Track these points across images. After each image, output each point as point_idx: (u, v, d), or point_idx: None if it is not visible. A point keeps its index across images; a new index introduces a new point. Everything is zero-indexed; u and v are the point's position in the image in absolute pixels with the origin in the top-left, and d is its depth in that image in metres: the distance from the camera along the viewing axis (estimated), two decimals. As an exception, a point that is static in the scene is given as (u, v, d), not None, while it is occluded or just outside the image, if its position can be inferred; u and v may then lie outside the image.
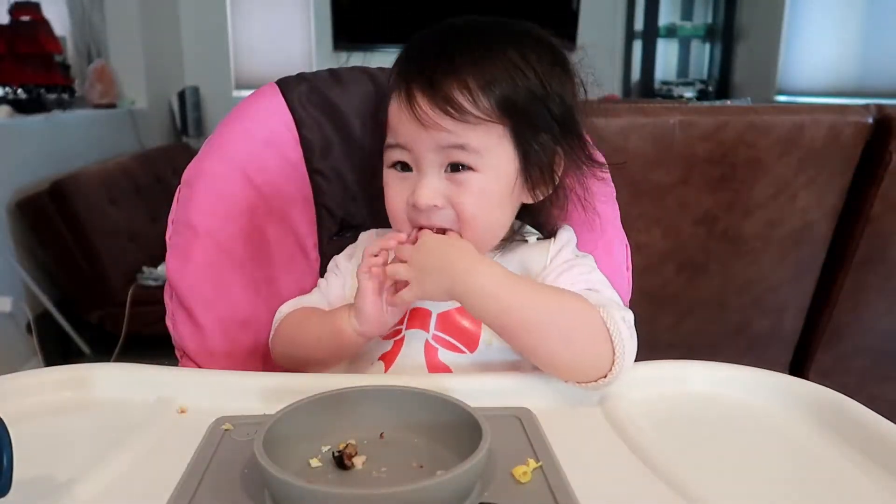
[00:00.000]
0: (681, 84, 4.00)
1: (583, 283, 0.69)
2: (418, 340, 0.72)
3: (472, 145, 0.66)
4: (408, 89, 0.66)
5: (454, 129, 0.65)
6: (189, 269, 0.80)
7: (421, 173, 0.68)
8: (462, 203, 0.67)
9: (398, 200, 0.70)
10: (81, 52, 3.37)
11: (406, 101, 0.66)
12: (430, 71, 0.66)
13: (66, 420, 0.61)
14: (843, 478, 0.52)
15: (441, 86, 0.65)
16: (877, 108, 1.35)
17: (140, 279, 2.51)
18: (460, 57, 0.66)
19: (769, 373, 0.66)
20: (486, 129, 0.66)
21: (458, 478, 0.44)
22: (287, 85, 0.84)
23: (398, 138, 0.68)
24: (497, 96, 0.65)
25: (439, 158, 0.67)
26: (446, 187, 0.67)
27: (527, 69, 0.67)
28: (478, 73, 0.65)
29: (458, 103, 0.64)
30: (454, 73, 0.65)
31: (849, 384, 1.58)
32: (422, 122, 0.65)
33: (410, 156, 0.68)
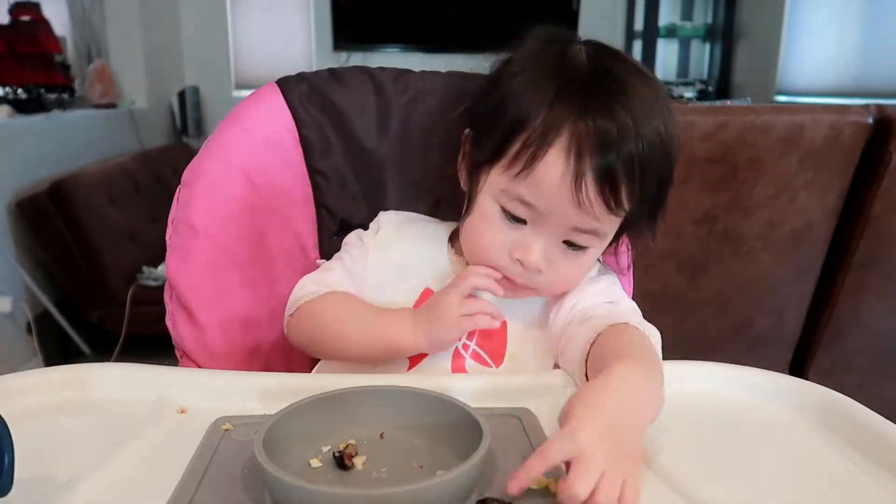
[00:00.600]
0: (681, 84, 4.00)
1: (604, 296, 0.71)
2: None
3: (602, 231, 0.63)
4: (579, 157, 0.58)
5: (601, 218, 0.61)
6: (189, 269, 0.80)
7: (537, 232, 0.63)
8: (568, 275, 0.66)
9: (498, 244, 0.65)
10: (81, 52, 3.37)
11: (573, 179, 0.59)
12: (605, 151, 0.58)
13: (66, 420, 0.61)
14: (843, 478, 0.52)
15: (615, 180, 0.59)
16: (877, 108, 1.35)
17: (140, 279, 2.51)
18: (630, 136, 0.59)
19: (769, 373, 0.66)
20: (619, 218, 0.63)
21: (458, 478, 0.44)
22: (287, 85, 0.84)
23: (538, 201, 0.61)
24: (647, 189, 0.61)
25: (565, 233, 0.63)
26: (558, 257, 0.64)
27: (670, 147, 0.62)
28: (642, 163, 0.59)
29: (622, 202, 0.60)
30: (628, 164, 0.59)
31: (849, 384, 1.58)
32: (580, 205, 0.59)
33: (536, 216, 0.62)
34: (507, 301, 0.71)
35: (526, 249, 0.63)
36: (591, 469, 0.45)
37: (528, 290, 0.68)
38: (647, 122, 0.60)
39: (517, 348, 0.72)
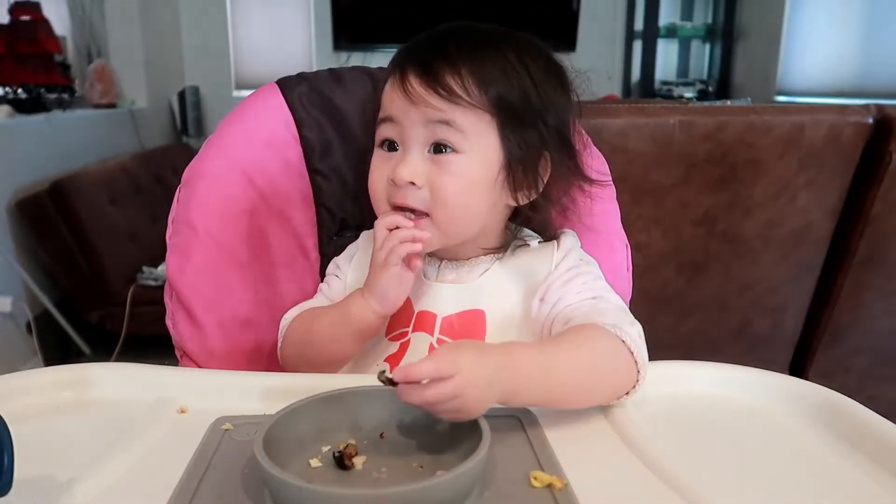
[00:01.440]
0: (681, 84, 4.00)
1: (588, 292, 0.69)
2: (423, 343, 0.72)
3: (458, 122, 0.66)
4: (402, 70, 0.67)
5: (442, 106, 0.66)
6: (189, 269, 0.80)
7: (404, 151, 0.68)
8: (441, 183, 0.67)
9: (379, 178, 0.70)
10: (81, 52, 3.37)
11: (399, 80, 0.67)
12: (426, 57, 0.67)
13: (66, 420, 0.61)
14: (843, 478, 0.52)
15: (435, 70, 0.66)
16: (877, 108, 1.35)
17: (140, 279, 2.51)
18: (457, 51, 0.67)
19: (769, 373, 0.66)
20: (474, 113, 0.66)
21: (458, 478, 0.44)
22: (287, 85, 0.84)
23: (387, 111, 0.69)
24: (488, 88, 0.66)
25: (424, 135, 0.67)
26: (428, 168, 0.67)
27: (522, 71, 0.67)
28: (473, 67, 0.66)
29: (448, 85, 0.65)
30: (449, 62, 0.66)
31: (849, 384, 1.58)
32: (411, 98, 0.66)
33: (397, 131, 0.68)
34: (484, 292, 0.72)
35: (395, 169, 0.68)
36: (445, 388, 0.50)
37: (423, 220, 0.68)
38: (482, 47, 0.68)
39: (496, 339, 0.71)
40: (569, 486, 0.48)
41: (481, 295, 0.72)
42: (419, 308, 0.73)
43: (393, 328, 0.74)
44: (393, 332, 0.74)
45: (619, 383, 0.60)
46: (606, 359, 0.60)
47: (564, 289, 0.70)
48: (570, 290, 0.69)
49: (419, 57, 0.68)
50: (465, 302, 0.72)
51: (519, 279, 0.73)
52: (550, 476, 0.48)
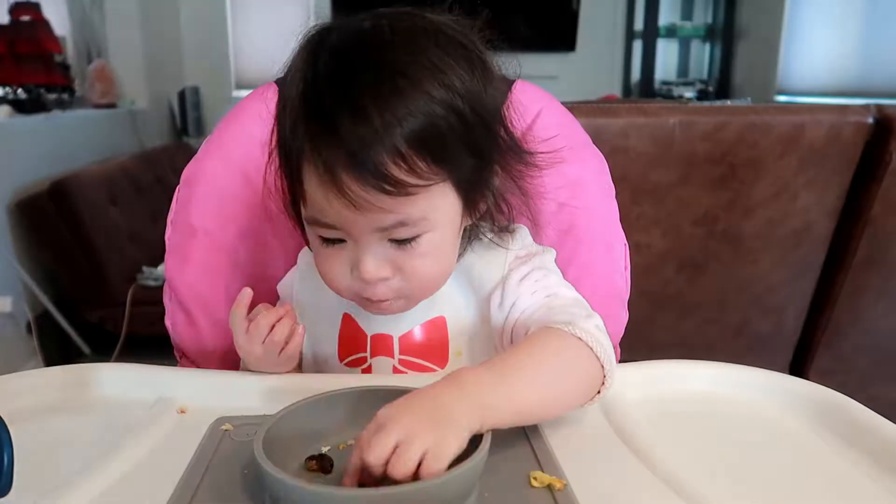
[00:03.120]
0: (681, 84, 4.00)
1: (542, 291, 0.66)
2: (386, 367, 0.69)
3: (415, 215, 0.58)
4: (326, 163, 0.55)
5: (393, 207, 0.56)
6: (188, 270, 0.80)
7: (360, 245, 0.60)
8: (413, 269, 0.61)
9: (339, 272, 0.62)
10: (81, 52, 3.37)
11: (330, 181, 0.55)
12: (348, 137, 0.54)
13: (66, 420, 0.61)
14: (843, 478, 0.52)
15: (368, 158, 0.54)
16: (877, 108, 1.35)
17: (140, 279, 2.51)
18: (370, 97, 0.54)
19: (769, 373, 0.66)
20: (426, 192, 0.57)
21: (458, 478, 0.44)
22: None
23: (327, 218, 0.58)
24: (431, 152, 0.55)
25: (379, 235, 0.59)
26: (393, 255, 0.60)
27: (453, 99, 0.56)
28: (406, 129, 0.54)
29: (393, 178, 0.54)
30: (377, 135, 0.54)
31: (849, 384, 1.58)
32: (355, 205, 0.55)
33: (342, 233, 0.60)
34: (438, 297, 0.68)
35: (359, 265, 0.60)
36: (385, 436, 0.45)
37: (400, 301, 0.64)
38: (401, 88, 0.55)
39: (462, 344, 0.69)
40: (569, 486, 0.48)
41: (436, 301, 0.68)
42: (371, 332, 0.70)
43: (346, 353, 0.71)
44: (347, 357, 0.71)
45: (586, 383, 0.57)
46: (564, 363, 0.56)
47: (518, 290, 0.66)
48: (524, 292, 0.66)
49: (338, 132, 0.54)
50: (421, 313, 0.69)
51: (472, 282, 0.69)
52: (550, 476, 0.48)
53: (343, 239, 0.60)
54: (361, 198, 0.55)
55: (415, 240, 0.60)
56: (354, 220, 0.57)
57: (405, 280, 0.62)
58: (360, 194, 0.55)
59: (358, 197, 0.55)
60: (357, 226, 0.58)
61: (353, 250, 0.60)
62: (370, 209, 0.56)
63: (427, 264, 0.61)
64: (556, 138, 0.74)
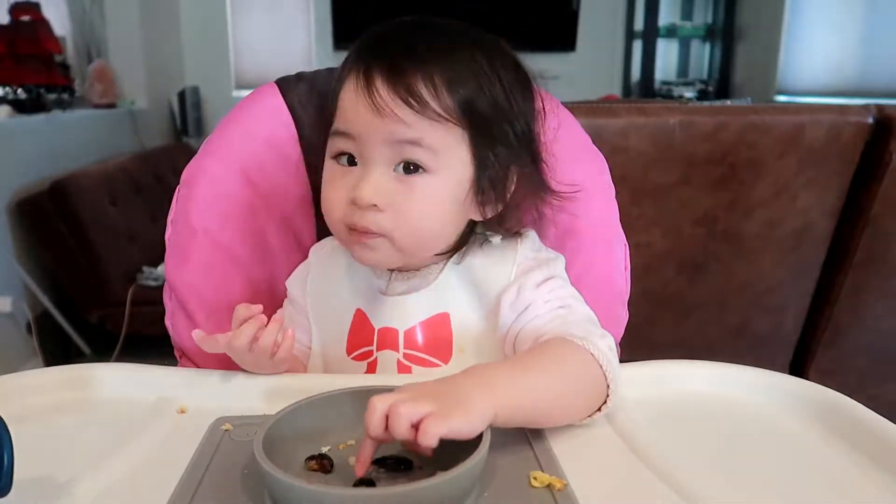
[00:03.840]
0: (681, 84, 4.00)
1: (556, 301, 0.66)
2: (391, 361, 0.70)
3: (427, 142, 0.61)
4: (367, 72, 0.60)
5: (412, 122, 0.60)
6: (188, 269, 0.80)
7: (367, 168, 0.62)
8: (408, 207, 0.62)
9: (337, 197, 0.64)
10: (81, 52, 3.37)
11: (364, 85, 0.60)
12: (393, 57, 0.61)
13: (66, 420, 0.61)
14: (843, 478, 0.52)
15: (405, 74, 0.59)
16: (877, 108, 1.35)
17: (140, 279, 2.51)
18: (427, 50, 0.61)
19: (769, 373, 0.66)
20: (445, 128, 0.61)
21: (458, 478, 0.44)
22: (286, 84, 0.84)
23: (348, 126, 0.62)
24: (461, 97, 0.61)
25: (390, 154, 0.61)
26: (393, 187, 0.62)
27: (493, 77, 0.62)
28: (445, 69, 0.60)
29: (420, 95, 0.59)
30: (420, 63, 0.60)
31: (849, 384, 1.58)
32: (378, 109, 0.59)
33: (358, 147, 0.62)
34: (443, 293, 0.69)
35: (357, 186, 0.62)
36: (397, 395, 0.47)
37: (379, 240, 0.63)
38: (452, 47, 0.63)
39: (466, 341, 0.69)
40: (569, 486, 0.48)
41: (440, 297, 0.69)
42: (379, 325, 0.70)
43: (354, 347, 0.72)
44: (355, 351, 0.72)
45: (592, 397, 0.58)
46: (577, 374, 0.57)
47: (534, 294, 0.66)
48: (539, 298, 0.66)
49: (387, 57, 0.61)
50: (426, 309, 0.70)
51: (478, 280, 0.69)
52: (550, 476, 0.48)
53: (354, 161, 0.63)
54: (387, 104, 0.59)
55: (419, 172, 0.62)
56: (374, 126, 0.60)
57: (395, 218, 0.62)
58: (387, 100, 0.59)
59: (384, 102, 0.59)
60: (375, 135, 0.61)
61: (357, 174, 0.63)
62: (392, 117, 0.59)
63: (420, 208, 0.63)
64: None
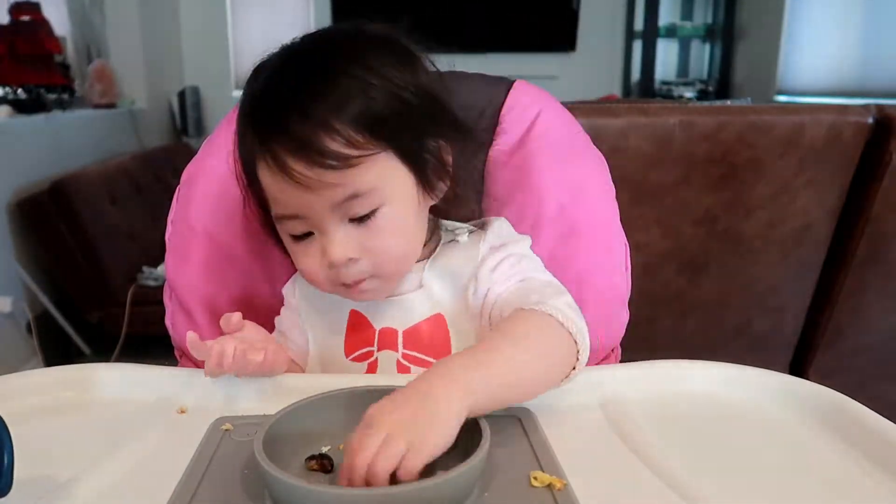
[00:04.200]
0: (681, 84, 4.00)
1: (515, 276, 0.68)
2: (391, 361, 0.70)
3: (364, 188, 0.61)
4: (273, 154, 0.60)
5: (341, 181, 0.59)
6: (188, 269, 0.80)
7: (325, 233, 0.63)
8: (379, 248, 0.63)
9: (314, 269, 0.65)
10: (81, 52, 3.37)
11: (279, 170, 0.60)
12: (287, 126, 0.59)
13: (66, 420, 0.61)
14: (844, 478, 0.52)
15: (309, 140, 0.58)
16: (877, 108, 1.35)
17: (140, 279, 2.51)
18: (307, 94, 0.60)
19: (769, 373, 0.66)
20: (373, 162, 0.60)
21: (458, 478, 0.44)
22: (287, 85, 0.84)
23: (287, 210, 0.63)
24: (366, 125, 0.60)
25: (338, 214, 0.62)
26: (357, 235, 0.63)
27: (376, 78, 0.61)
28: (336, 108, 0.59)
29: (334, 152, 0.58)
30: (314, 117, 0.59)
31: (849, 384, 1.57)
32: (306, 186, 0.59)
33: (307, 222, 0.63)
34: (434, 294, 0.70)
35: (325, 254, 0.63)
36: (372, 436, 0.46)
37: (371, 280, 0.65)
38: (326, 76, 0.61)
39: (461, 338, 0.70)
40: (569, 486, 0.48)
41: (431, 298, 0.70)
42: (379, 326, 0.71)
43: (353, 348, 0.72)
44: (354, 352, 0.72)
45: (559, 357, 0.59)
46: (540, 340, 0.59)
47: (492, 276, 0.68)
48: (497, 279, 0.68)
49: (283, 129, 0.59)
50: (422, 310, 0.70)
51: (453, 277, 0.71)
52: (550, 476, 0.48)
53: (310, 232, 0.64)
54: (308, 177, 0.59)
55: (373, 215, 0.62)
56: (309, 202, 0.61)
57: (373, 259, 0.64)
58: (307, 174, 0.59)
59: (305, 177, 0.59)
60: (314, 208, 0.61)
61: (321, 240, 0.63)
62: (319, 186, 0.59)
63: (390, 240, 0.64)
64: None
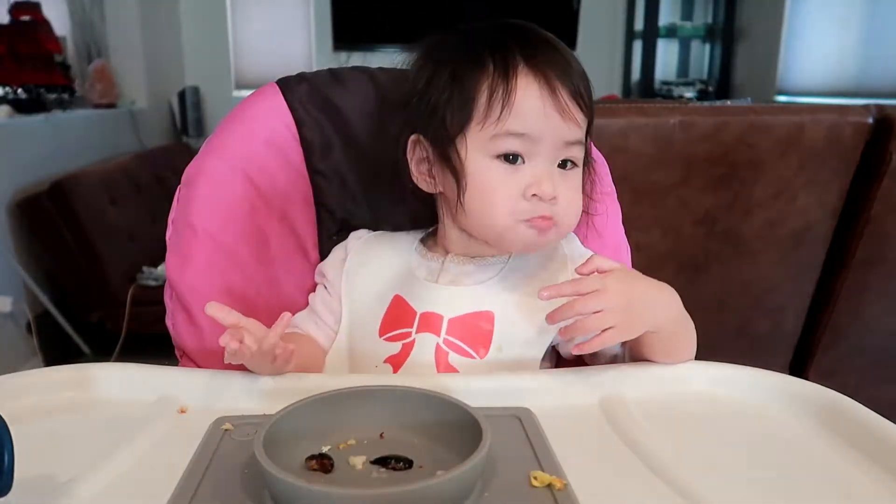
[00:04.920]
0: (681, 84, 4.00)
1: None
2: (429, 344, 0.72)
3: (582, 140, 0.69)
4: (545, 74, 0.66)
5: (581, 123, 0.67)
6: (189, 269, 0.80)
7: (535, 164, 0.67)
8: (569, 199, 0.69)
9: (507, 194, 0.67)
10: (81, 52, 3.37)
11: (547, 87, 0.66)
12: (558, 57, 0.67)
13: (66, 420, 0.61)
14: (843, 478, 0.52)
15: (572, 79, 0.67)
16: (877, 108, 1.35)
17: (140, 279, 2.51)
18: (566, 56, 0.68)
19: (769, 373, 0.66)
20: (583, 126, 0.69)
21: (458, 478, 0.44)
22: (287, 85, 0.84)
23: (527, 128, 0.66)
24: (588, 91, 0.69)
25: (556, 153, 0.68)
26: (560, 183, 0.68)
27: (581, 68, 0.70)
28: (576, 67, 0.68)
29: (585, 99, 0.67)
30: (574, 70, 0.68)
31: (849, 384, 1.58)
32: (563, 112, 0.66)
33: (529, 146, 0.67)
34: (492, 293, 0.73)
35: (537, 183, 0.67)
36: (601, 299, 0.60)
37: (552, 228, 0.69)
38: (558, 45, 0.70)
39: (504, 339, 0.72)
40: (569, 486, 0.48)
41: (489, 296, 0.73)
42: (421, 310, 0.73)
43: (389, 328, 0.74)
44: (390, 332, 0.74)
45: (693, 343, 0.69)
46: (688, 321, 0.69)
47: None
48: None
49: (553, 57, 0.67)
50: (472, 303, 0.73)
51: (534, 277, 0.74)
52: (550, 476, 0.48)
53: (519, 157, 0.67)
54: (569, 105, 0.66)
55: (573, 167, 0.70)
56: (551, 127, 0.66)
57: (565, 208, 0.69)
58: (569, 102, 0.66)
59: (567, 104, 0.66)
60: (552, 134, 0.66)
61: (528, 172, 0.67)
62: (571, 119, 0.66)
63: (576, 196, 0.70)
64: None
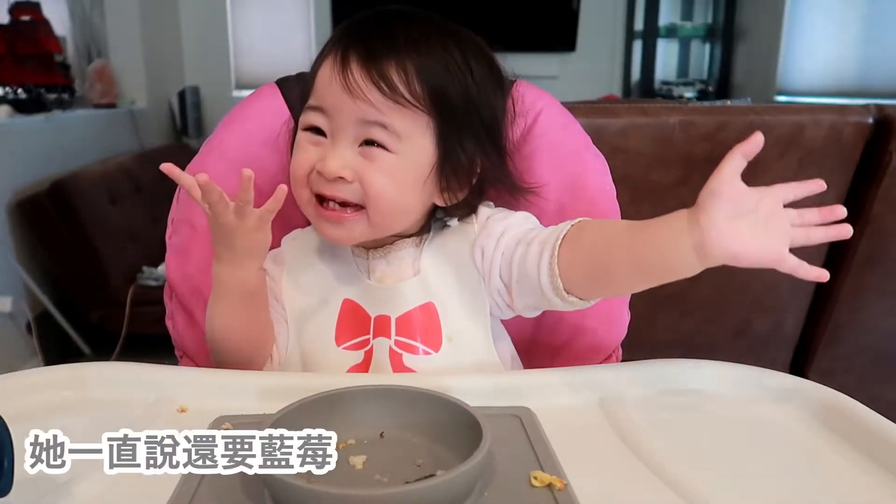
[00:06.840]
0: (681, 84, 4.00)
1: (529, 226, 0.70)
2: (384, 348, 0.71)
3: (394, 126, 0.65)
4: (344, 55, 0.65)
5: (381, 106, 0.64)
6: (189, 269, 0.80)
7: (335, 142, 0.66)
8: (371, 180, 0.65)
9: (304, 165, 0.67)
10: (81, 52, 3.37)
11: (340, 67, 0.65)
12: (370, 42, 0.65)
13: (66, 420, 0.61)
14: (844, 478, 0.52)
15: (379, 59, 0.64)
16: (877, 108, 1.35)
17: (140, 279, 2.51)
18: (404, 38, 0.65)
19: (769, 372, 0.66)
20: (412, 115, 0.65)
21: (458, 478, 0.44)
22: (287, 85, 0.84)
23: (321, 101, 0.66)
24: (431, 85, 0.65)
25: (357, 132, 0.65)
26: (357, 162, 0.66)
27: (464, 68, 0.67)
28: (417, 58, 0.65)
29: (391, 80, 0.63)
30: (394, 50, 0.64)
31: (849, 384, 1.57)
32: (351, 90, 0.64)
33: (328, 123, 0.66)
34: (428, 282, 0.71)
35: (324, 160, 0.65)
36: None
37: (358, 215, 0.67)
38: (426, 38, 0.66)
39: (454, 329, 0.71)
40: (569, 486, 0.48)
41: (426, 286, 0.72)
42: (375, 313, 0.72)
43: (346, 336, 0.72)
44: (348, 340, 0.72)
45: None
46: None
47: (503, 226, 0.70)
48: (511, 226, 0.70)
49: (364, 42, 0.65)
50: (415, 297, 0.72)
51: (452, 257, 0.72)
52: (550, 476, 0.48)
53: (323, 134, 0.67)
54: (360, 86, 0.64)
55: (381, 150, 0.65)
56: (344, 104, 0.64)
57: (363, 189, 0.66)
58: (360, 82, 0.64)
59: (357, 84, 0.64)
60: (344, 112, 0.65)
61: (325, 147, 0.66)
62: (362, 99, 0.64)
63: (384, 182, 0.66)
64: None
